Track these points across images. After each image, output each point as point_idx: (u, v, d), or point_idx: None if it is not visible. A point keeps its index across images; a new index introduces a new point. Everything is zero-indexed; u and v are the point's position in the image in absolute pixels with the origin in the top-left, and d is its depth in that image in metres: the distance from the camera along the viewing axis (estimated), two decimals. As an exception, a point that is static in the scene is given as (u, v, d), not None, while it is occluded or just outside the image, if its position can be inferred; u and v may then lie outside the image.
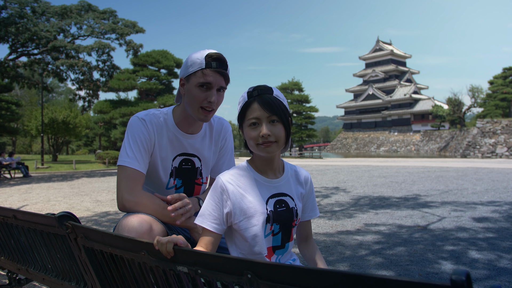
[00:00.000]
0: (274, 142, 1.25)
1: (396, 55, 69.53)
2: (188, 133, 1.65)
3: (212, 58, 1.50)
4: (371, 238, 4.05)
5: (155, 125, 1.59)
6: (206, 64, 1.49)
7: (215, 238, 1.25)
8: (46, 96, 55.41)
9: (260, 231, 1.27)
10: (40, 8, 20.21)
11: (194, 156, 1.68)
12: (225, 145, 1.77)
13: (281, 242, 1.32)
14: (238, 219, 1.27)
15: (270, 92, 1.28)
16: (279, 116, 1.25)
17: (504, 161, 23.60)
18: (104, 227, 5.01)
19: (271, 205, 1.29)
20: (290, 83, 49.30)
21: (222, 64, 1.52)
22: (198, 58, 1.51)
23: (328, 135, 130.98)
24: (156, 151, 1.60)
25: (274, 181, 1.33)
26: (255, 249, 1.28)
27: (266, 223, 1.28)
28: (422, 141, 53.74)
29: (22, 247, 1.72)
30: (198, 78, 1.50)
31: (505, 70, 52.12)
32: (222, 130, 1.75)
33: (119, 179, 1.50)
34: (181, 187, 1.68)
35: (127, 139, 1.56)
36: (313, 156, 36.84)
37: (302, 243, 1.47)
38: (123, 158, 1.52)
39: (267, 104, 1.24)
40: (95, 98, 24.26)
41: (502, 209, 5.66)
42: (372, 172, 14.12)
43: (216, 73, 1.50)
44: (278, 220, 1.30)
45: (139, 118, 1.58)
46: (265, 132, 1.23)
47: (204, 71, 1.49)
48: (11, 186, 11.95)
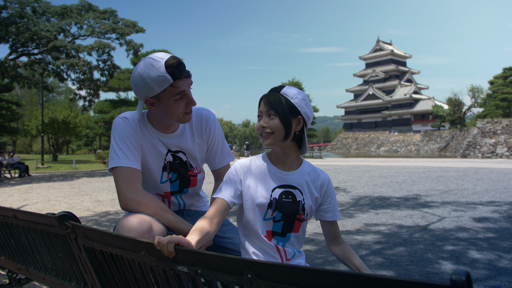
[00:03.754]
0: (271, 134, 1.36)
1: (396, 55, 69.52)
2: (166, 133, 1.64)
3: (172, 68, 1.44)
4: (371, 238, 4.05)
5: (137, 122, 1.59)
6: (172, 76, 1.44)
7: (225, 208, 1.35)
8: (47, 95, 55.40)
9: (260, 213, 1.37)
10: (40, 8, 20.21)
11: (179, 152, 1.67)
12: (211, 134, 1.73)
13: (281, 230, 1.38)
14: (244, 198, 1.39)
15: (278, 90, 1.40)
16: (275, 111, 1.35)
17: (504, 161, 23.59)
18: (104, 227, 5.01)
19: (276, 194, 1.38)
20: (290, 83, 49.21)
21: (183, 67, 1.48)
22: (160, 74, 1.43)
23: (328, 135, 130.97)
24: (144, 147, 1.60)
25: (285, 173, 1.42)
26: (254, 228, 1.38)
27: (267, 208, 1.37)
28: (422, 141, 53.72)
29: (22, 247, 1.72)
30: (171, 92, 1.47)
31: (506, 70, 52.04)
32: (203, 120, 1.71)
33: (117, 181, 1.48)
34: (176, 180, 1.67)
35: (114, 140, 1.53)
36: (313, 156, 36.82)
37: (333, 244, 1.50)
38: (114, 160, 1.50)
39: (268, 99, 1.38)
40: (95, 97, 24.26)
41: (502, 209, 5.65)
42: (372, 172, 14.11)
43: (184, 78, 1.48)
44: (281, 209, 1.37)
45: (121, 117, 1.58)
46: (262, 123, 1.38)
47: (174, 84, 1.46)
48: (11, 186, 11.96)
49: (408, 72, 68.20)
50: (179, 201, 1.71)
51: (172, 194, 1.68)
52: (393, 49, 69.42)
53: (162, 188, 1.66)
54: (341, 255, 1.46)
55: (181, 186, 1.69)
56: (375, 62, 70.68)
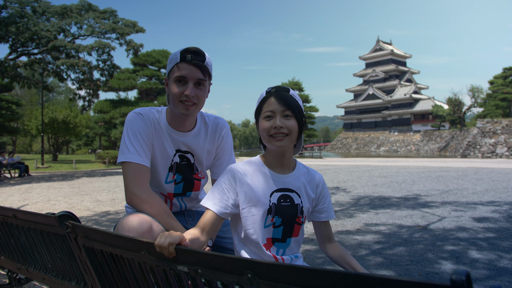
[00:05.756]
0: (286, 135, 1.30)
1: (396, 55, 69.51)
2: (180, 131, 1.64)
3: (187, 52, 1.49)
4: (371, 238, 4.05)
5: (152, 119, 1.60)
6: (181, 58, 1.49)
7: (216, 220, 1.29)
8: (46, 95, 55.40)
9: (259, 220, 1.32)
10: (40, 7, 20.21)
11: (188, 153, 1.68)
12: (223, 144, 1.75)
13: (282, 235, 1.35)
14: (241, 206, 1.33)
15: (287, 91, 1.36)
16: (293, 112, 1.31)
17: (504, 161, 23.59)
18: (104, 226, 5.00)
19: (275, 198, 1.34)
20: (290, 83, 49.28)
21: (198, 56, 1.50)
22: (175, 54, 1.52)
23: (328, 135, 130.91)
24: (155, 145, 1.60)
25: (282, 176, 1.38)
26: (253, 237, 1.32)
27: (267, 214, 1.32)
28: (422, 141, 53.71)
29: (22, 246, 1.72)
30: (174, 72, 1.51)
31: (505, 70, 52.07)
32: (218, 128, 1.74)
33: (125, 175, 1.49)
34: (180, 182, 1.68)
35: (126, 134, 1.55)
36: (313, 156, 36.83)
37: (326, 245, 1.47)
38: (125, 154, 1.51)
39: (283, 99, 1.31)
40: (95, 97, 24.26)
41: (502, 209, 5.65)
42: (372, 172, 14.11)
43: (191, 65, 1.49)
44: (280, 214, 1.33)
45: (137, 113, 1.59)
46: (278, 123, 1.29)
47: (178, 65, 1.50)
48: (11, 186, 11.95)
49: (408, 72, 68.19)
50: (181, 203, 1.73)
51: (174, 196, 1.69)
52: (393, 49, 69.40)
53: (166, 189, 1.67)
54: (336, 256, 1.43)
55: (184, 189, 1.70)
56: (375, 62, 70.67)
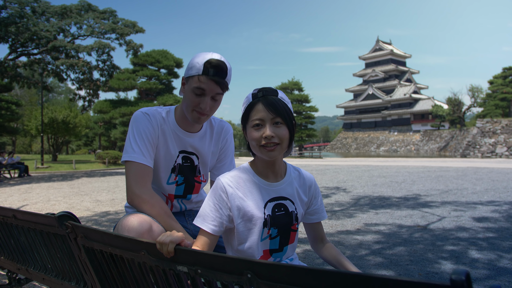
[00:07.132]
0: (277, 145, 1.23)
1: (396, 55, 69.53)
2: (187, 131, 1.65)
3: (211, 65, 1.46)
4: (371, 237, 4.05)
5: (158, 120, 1.60)
6: (204, 70, 1.47)
7: (212, 240, 1.25)
8: (46, 95, 55.40)
9: (256, 234, 1.27)
10: (40, 8, 20.21)
11: (193, 154, 1.69)
12: (225, 147, 1.77)
13: (279, 245, 1.32)
14: (235, 221, 1.27)
15: (275, 94, 1.27)
16: (283, 118, 1.23)
17: (504, 160, 23.60)
18: (104, 227, 5.00)
19: (269, 209, 1.29)
20: (290, 83, 49.27)
21: (220, 72, 1.48)
22: (198, 62, 1.48)
23: (328, 135, 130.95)
24: (159, 146, 1.61)
25: (274, 184, 1.32)
26: (249, 252, 1.28)
27: (263, 227, 1.27)
28: (422, 141, 53.73)
29: (22, 247, 1.71)
30: (194, 82, 1.49)
31: (505, 70, 52.07)
32: (223, 131, 1.76)
33: (128, 175, 1.50)
34: (182, 184, 1.69)
35: (132, 133, 1.55)
36: (313, 156, 36.84)
37: (318, 245, 1.44)
38: (129, 153, 1.52)
39: (272, 106, 1.23)
40: (95, 97, 24.29)
41: (502, 208, 5.66)
42: (372, 172, 14.11)
43: (212, 81, 1.47)
44: (276, 225, 1.29)
45: (143, 112, 1.59)
46: (269, 133, 1.21)
47: (200, 78, 1.48)
48: (11, 186, 11.95)
49: (408, 71, 68.21)
50: (181, 205, 1.74)
51: (175, 197, 1.70)
52: (393, 49, 69.42)
53: (167, 189, 1.67)
54: (329, 257, 1.40)
55: (185, 191, 1.70)
56: (375, 62, 70.68)
